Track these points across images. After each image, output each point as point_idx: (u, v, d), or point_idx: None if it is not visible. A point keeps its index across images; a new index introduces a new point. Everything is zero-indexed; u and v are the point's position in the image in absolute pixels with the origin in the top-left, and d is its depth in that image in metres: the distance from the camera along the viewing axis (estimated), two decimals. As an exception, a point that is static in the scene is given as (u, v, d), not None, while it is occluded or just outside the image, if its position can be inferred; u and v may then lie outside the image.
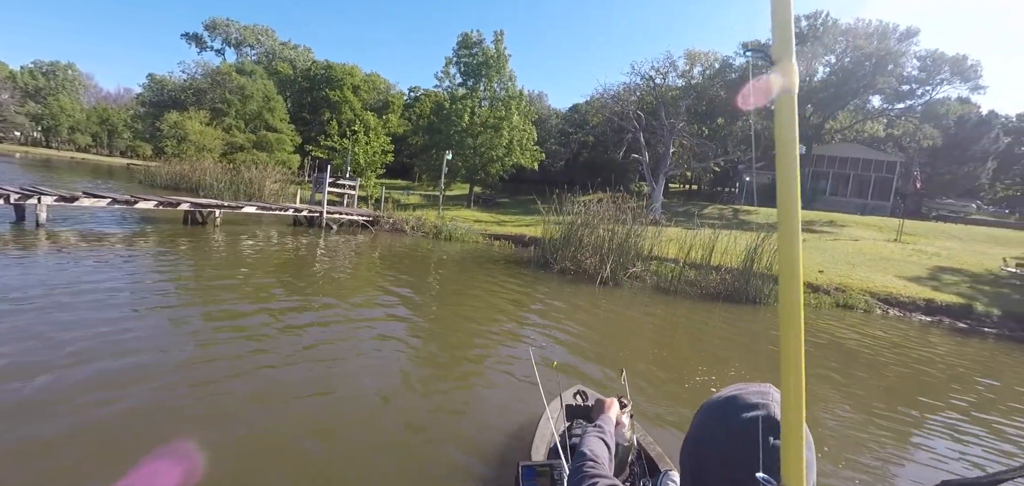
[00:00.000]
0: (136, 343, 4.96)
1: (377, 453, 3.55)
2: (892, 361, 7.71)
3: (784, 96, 0.66)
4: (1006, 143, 42.54)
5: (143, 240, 10.80)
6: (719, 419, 0.87)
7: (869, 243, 20.02)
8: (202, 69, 51.40)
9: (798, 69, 0.66)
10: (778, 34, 0.66)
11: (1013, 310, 11.91)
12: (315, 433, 3.71)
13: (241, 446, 3.47)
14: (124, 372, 4.31)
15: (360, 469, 3.36)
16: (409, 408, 4.36)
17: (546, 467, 1.80)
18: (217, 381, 4.36)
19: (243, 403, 4.06)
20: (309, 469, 3.27)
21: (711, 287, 11.55)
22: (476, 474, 3.45)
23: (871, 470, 4.05)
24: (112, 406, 3.74)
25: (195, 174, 28.02)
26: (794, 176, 0.65)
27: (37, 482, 2.86)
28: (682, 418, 4.62)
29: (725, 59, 34.82)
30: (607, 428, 1.44)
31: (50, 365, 4.23)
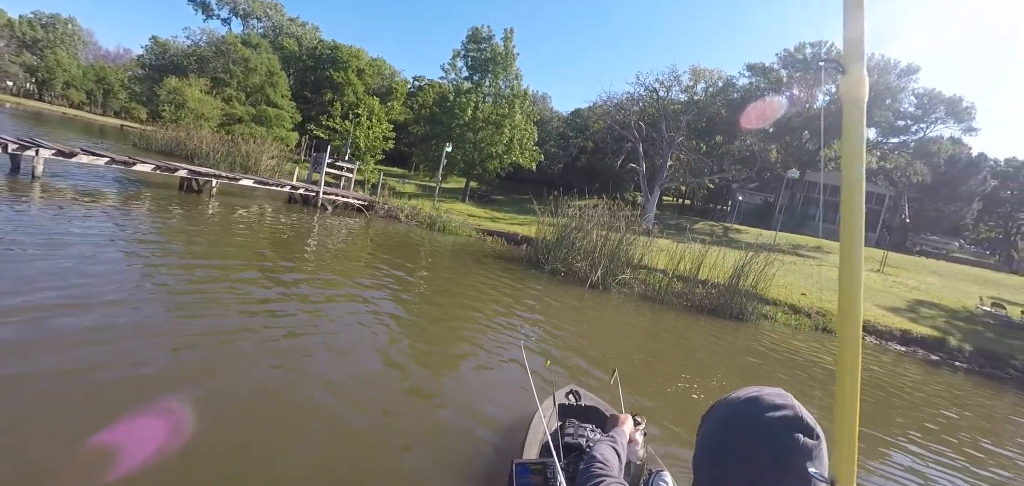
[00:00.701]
0: (123, 300, 5.06)
1: (367, 450, 3.49)
2: (863, 384, 8.00)
3: (852, 105, 0.65)
4: (992, 186, 43.53)
5: (138, 202, 10.83)
6: (742, 420, 0.87)
7: (853, 271, 20.45)
8: (207, 37, 50.94)
9: (867, 80, 0.66)
10: (849, 45, 0.66)
11: (984, 347, 12.32)
12: (305, 431, 3.58)
13: (208, 415, 3.49)
14: (109, 327, 4.43)
15: (351, 467, 3.31)
16: (400, 405, 4.31)
17: (539, 465, 1.92)
18: (190, 349, 4.38)
19: (210, 375, 4.05)
20: (301, 467, 3.21)
21: (697, 300, 11.83)
22: (469, 472, 3.43)
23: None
24: (92, 358, 3.85)
25: (191, 142, 27.82)
26: (860, 183, 0.66)
27: (14, 419, 2.97)
28: (666, 418, 4.83)
29: (729, 78, 35.24)
30: (620, 440, 1.41)
31: (34, 310, 4.37)
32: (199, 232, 9.35)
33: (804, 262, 21.32)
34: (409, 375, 4.95)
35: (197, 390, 3.73)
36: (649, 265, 13.26)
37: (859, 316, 0.63)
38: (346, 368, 4.74)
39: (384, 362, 5.12)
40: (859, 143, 0.66)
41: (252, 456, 3.15)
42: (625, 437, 1.49)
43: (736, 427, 0.87)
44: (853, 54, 0.65)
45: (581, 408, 3.36)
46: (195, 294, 5.77)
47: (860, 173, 0.66)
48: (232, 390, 3.89)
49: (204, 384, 3.87)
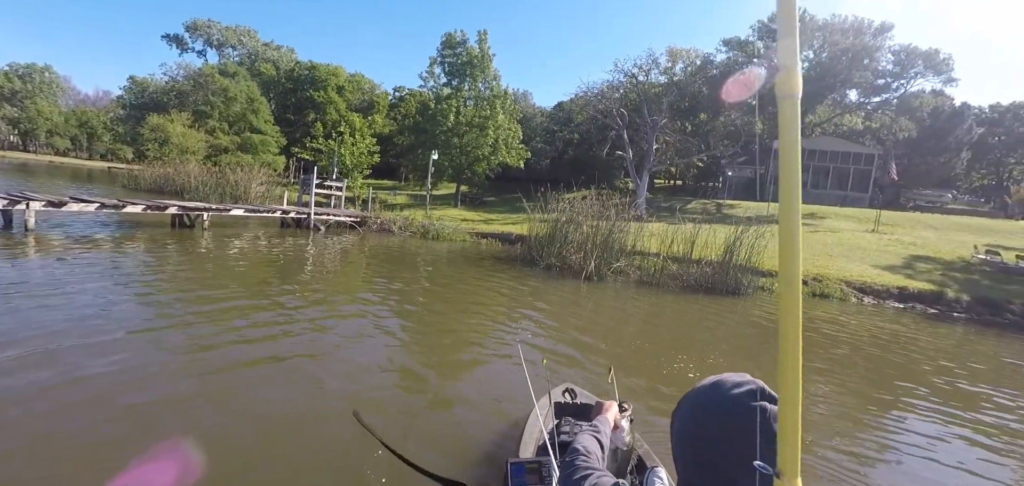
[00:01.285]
0: (128, 343, 5.05)
1: (363, 451, 3.56)
2: (860, 344, 8.07)
3: (787, 101, 0.66)
4: (979, 133, 43.77)
5: (133, 243, 10.79)
6: (709, 402, 0.90)
7: (847, 234, 20.58)
8: (184, 71, 50.72)
9: (800, 76, 0.67)
10: (784, 42, 0.67)
11: (982, 295, 12.42)
12: (299, 432, 3.74)
13: (229, 443, 3.56)
14: (122, 371, 4.42)
15: (347, 467, 3.39)
16: (397, 405, 4.41)
17: (535, 464, 1.92)
18: (208, 379, 4.47)
19: (229, 402, 4.15)
20: (294, 465, 3.33)
21: (692, 280, 11.88)
22: (465, 471, 3.46)
23: (841, 448, 4.33)
24: (105, 402, 3.85)
25: (179, 177, 27.73)
26: (797, 181, 0.67)
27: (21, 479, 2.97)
28: (664, 400, 4.86)
29: (706, 56, 35.39)
30: (603, 429, 1.40)
31: (41, 360, 4.35)
32: (196, 267, 9.34)
33: (798, 230, 21.37)
34: (407, 380, 5.02)
35: (220, 419, 3.82)
36: (643, 251, 13.31)
37: (799, 313, 0.64)
38: (351, 382, 4.78)
39: (384, 371, 5.17)
40: (795, 139, 0.67)
41: (265, 463, 3.19)
42: (609, 425, 1.48)
43: (705, 412, 0.91)
44: (787, 51, 0.66)
45: (577, 406, 3.39)
46: (200, 328, 5.77)
47: (797, 170, 0.67)
48: (250, 414, 3.97)
49: (225, 411, 3.95)
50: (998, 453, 4.53)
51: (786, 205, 0.68)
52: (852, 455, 4.17)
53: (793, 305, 0.65)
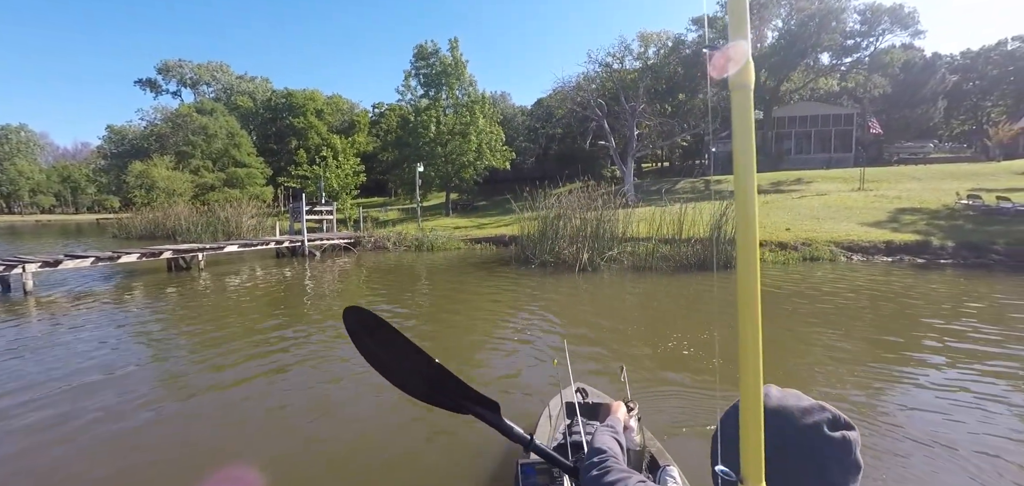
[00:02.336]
0: (146, 395, 5.08)
1: (375, 454, 3.66)
2: (850, 302, 8.30)
3: (739, 91, 0.65)
4: (953, 81, 44.44)
5: (132, 293, 10.85)
6: (780, 431, 0.82)
7: (834, 195, 20.92)
8: (161, 114, 50.47)
9: (752, 65, 0.66)
10: (735, 31, 0.66)
11: (966, 239, 12.73)
12: (312, 441, 3.92)
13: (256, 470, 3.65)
14: (148, 425, 4.49)
15: (359, 470, 3.48)
16: (406, 409, 4.46)
17: (545, 464, 1.87)
18: (228, 415, 4.58)
19: (250, 429, 4.28)
20: (307, 472, 3.46)
21: (684, 259, 12.09)
22: (475, 472, 3.47)
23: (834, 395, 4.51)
24: (143, 457, 3.94)
25: (169, 220, 27.75)
26: (752, 168, 0.65)
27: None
28: (671, 385, 5.03)
29: (677, 36, 35.70)
30: (618, 428, 1.40)
31: (69, 418, 4.44)
32: (197, 309, 9.41)
33: (785, 197, 21.72)
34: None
35: (254, 457, 3.86)
36: (633, 236, 13.52)
37: (757, 305, 0.64)
38: (358, 395, 4.91)
39: (396, 393, 5.23)
40: (749, 127, 0.66)
41: None
42: (621, 424, 1.46)
43: (776, 440, 0.81)
44: (738, 40, 0.64)
45: (589, 406, 3.34)
46: (211, 369, 5.84)
47: (752, 158, 0.65)
48: (279, 444, 4.05)
49: (257, 449, 4.00)
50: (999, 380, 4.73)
51: (742, 200, 0.66)
52: (860, 405, 4.35)
53: (752, 301, 0.63)
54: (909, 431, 3.86)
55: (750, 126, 0.67)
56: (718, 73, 0.72)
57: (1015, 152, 34.45)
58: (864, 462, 0.81)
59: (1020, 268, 11.07)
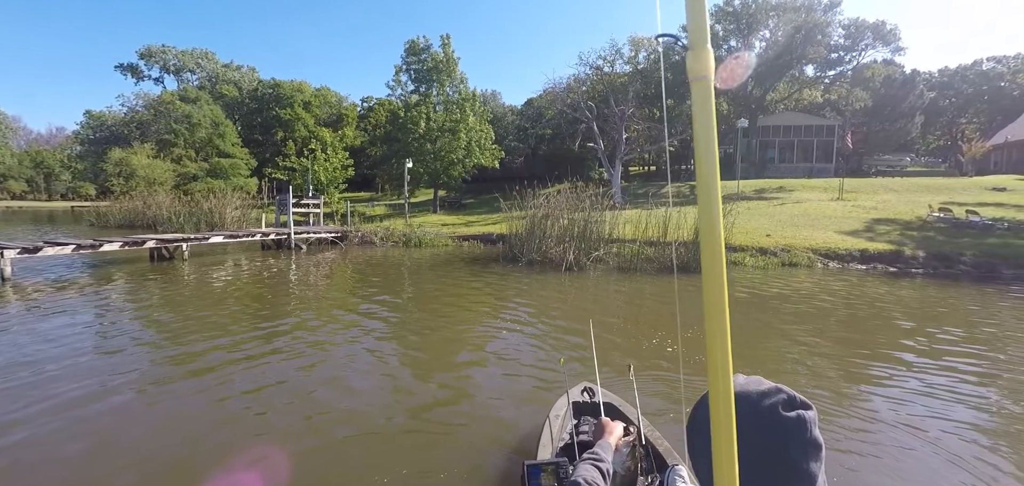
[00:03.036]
0: (124, 386, 5.04)
1: (380, 456, 3.61)
2: (825, 305, 8.60)
3: (700, 81, 0.64)
4: (931, 97, 45.77)
5: (114, 282, 10.69)
6: (739, 416, 0.85)
7: (814, 204, 21.47)
8: (143, 100, 49.34)
9: (712, 56, 0.63)
10: (693, 22, 0.65)
11: (936, 250, 13.22)
12: (316, 443, 3.81)
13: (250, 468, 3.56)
14: (129, 413, 4.52)
15: (364, 471, 3.42)
16: (409, 412, 4.43)
17: (551, 465, 1.89)
18: (213, 411, 4.46)
19: (240, 428, 4.14)
20: (314, 475, 3.38)
21: (668, 261, 12.35)
22: (481, 473, 3.45)
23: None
24: (121, 442, 3.94)
25: (150, 210, 27.20)
26: (713, 163, 0.64)
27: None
28: (655, 382, 5.20)
29: (668, 43, 36.18)
30: (604, 455, 1.40)
31: (55, 410, 4.43)
32: (182, 299, 9.34)
33: (768, 204, 22.22)
34: (416, 388, 5.06)
35: (245, 455, 3.73)
36: (619, 238, 13.75)
37: (725, 310, 0.63)
38: (358, 397, 4.80)
39: (392, 380, 5.22)
40: (710, 122, 0.64)
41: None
42: (610, 449, 1.48)
43: (744, 432, 0.83)
44: (697, 30, 0.63)
45: (596, 405, 3.25)
46: (196, 362, 5.78)
47: (713, 154, 0.64)
48: (277, 442, 3.92)
49: (246, 446, 3.87)
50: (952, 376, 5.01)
51: (705, 201, 0.64)
52: (834, 404, 4.57)
53: (718, 305, 0.62)
54: (880, 415, 4.21)
55: (711, 117, 0.65)
56: (727, 82, 0.71)
57: (986, 168, 35.69)
58: (841, 442, 0.89)
59: (985, 278, 11.56)
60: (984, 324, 7.61)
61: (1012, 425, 4.20)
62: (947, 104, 50.15)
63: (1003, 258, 12.51)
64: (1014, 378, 5.33)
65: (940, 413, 4.35)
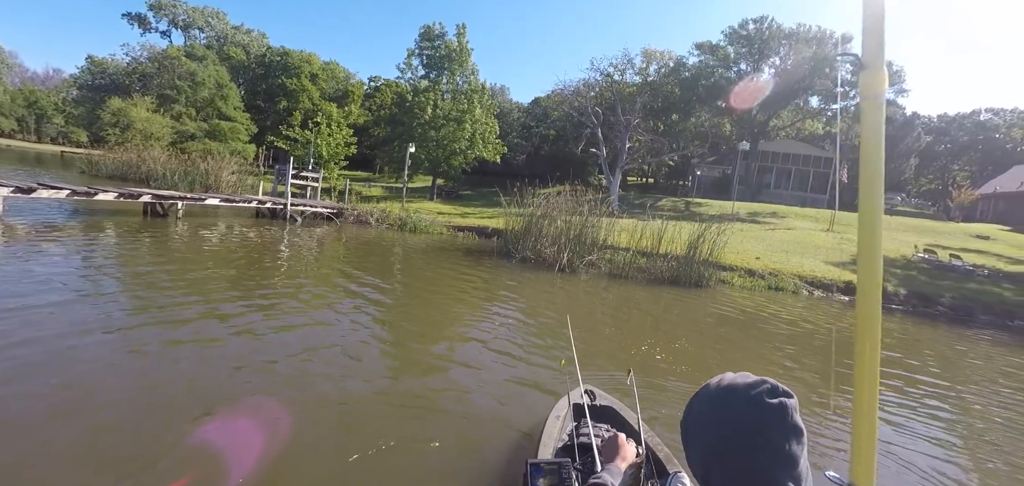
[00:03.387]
0: (108, 338, 4.99)
1: (379, 454, 3.50)
2: (806, 330, 8.88)
3: (872, 100, 0.62)
4: (927, 141, 46.62)
5: (106, 232, 10.72)
6: (728, 405, 0.95)
7: (804, 232, 21.84)
8: (148, 52, 48.82)
9: (887, 76, 0.61)
10: (869, 41, 0.62)
11: (918, 290, 13.58)
12: (312, 438, 3.61)
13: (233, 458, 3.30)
14: (106, 367, 4.56)
15: (364, 469, 3.32)
16: (412, 402, 4.36)
17: (553, 465, 1.93)
18: (197, 384, 4.23)
19: (227, 407, 3.91)
20: (311, 473, 3.21)
21: (659, 272, 12.59)
22: (483, 472, 3.42)
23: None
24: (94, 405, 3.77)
25: (144, 164, 26.94)
26: (879, 180, 0.59)
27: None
28: (651, 391, 5.40)
29: (679, 58, 36.52)
30: (613, 475, 1.42)
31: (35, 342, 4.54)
32: (174, 257, 9.42)
33: (760, 228, 22.57)
34: (414, 382, 4.87)
35: (196, 442, 3.44)
36: (614, 244, 13.96)
37: (878, 325, 0.60)
38: (352, 384, 4.62)
39: (389, 372, 5.08)
40: (878, 138, 0.62)
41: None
42: (619, 474, 1.47)
43: (727, 414, 0.95)
44: (873, 49, 0.61)
45: (596, 408, 3.35)
46: (185, 325, 5.79)
47: (879, 173, 0.61)
48: (272, 441, 3.64)
49: (225, 421, 3.69)
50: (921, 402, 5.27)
51: (867, 211, 0.62)
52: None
53: (872, 315, 0.59)
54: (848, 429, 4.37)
55: (881, 136, 0.62)
56: (740, 103, 0.75)
57: (973, 216, 36.42)
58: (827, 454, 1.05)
59: (960, 321, 11.93)
60: (957, 362, 7.91)
61: (974, 454, 4.46)
62: (942, 149, 51.08)
63: (980, 303, 12.90)
64: (978, 411, 5.61)
65: (907, 433, 4.60)
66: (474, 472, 3.42)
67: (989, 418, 5.65)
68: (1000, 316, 12.51)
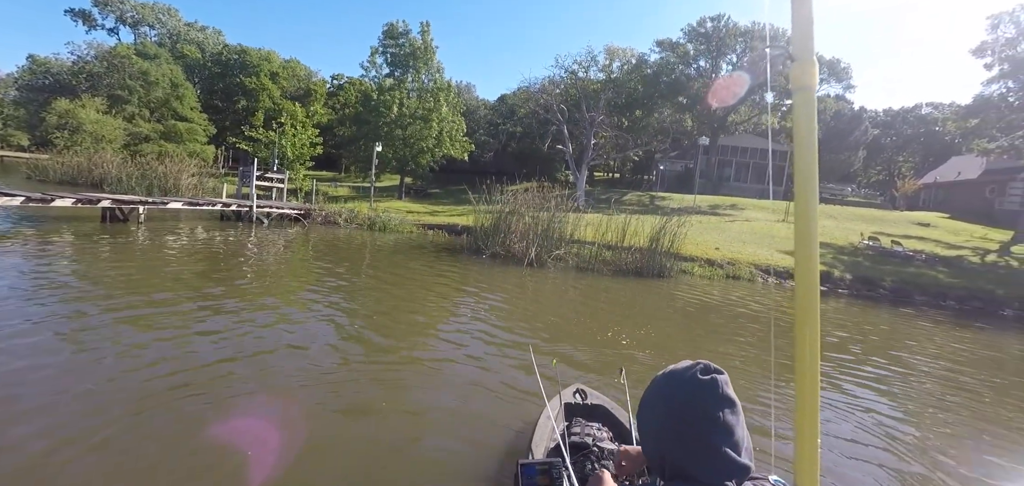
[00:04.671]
0: (64, 347, 4.84)
1: (368, 457, 3.46)
2: (757, 313, 9.48)
3: (803, 92, 0.57)
4: (874, 134, 49.29)
5: (64, 239, 10.36)
6: (670, 388, 1.13)
7: (761, 223, 22.90)
8: (95, 51, 46.47)
9: (817, 68, 0.56)
10: (798, 35, 0.58)
11: (863, 274, 14.54)
12: (297, 444, 3.53)
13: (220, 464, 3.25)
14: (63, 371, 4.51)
15: (354, 472, 3.29)
16: (401, 402, 4.35)
17: (545, 465, 1.93)
18: (175, 398, 4.02)
19: (208, 415, 3.80)
20: (299, 480, 3.16)
21: (624, 264, 13.07)
22: (474, 473, 3.41)
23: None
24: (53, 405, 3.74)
25: (96, 168, 25.86)
26: (813, 171, 0.55)
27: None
28: (603, 366, 5.73)
29: (641, 55, 37.42)
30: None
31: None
32: (137, 263, 9.22)
33: (720, 220, 23.52)
34: (400, 383, 4.82)
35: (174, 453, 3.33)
36: (580, 239, 14.38)
37: (816, 317, 0.59)
38: (336, 387, 4.55)
39: (373, 374, 4.96)
40: (812, 132, 0.58)
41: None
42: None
43: (671, 395, 1.12)
44: (802, 42, 0.58)
45: (588, 407, 3.38)
46: (153, 331, 5.64)
47: (813, 164, 0.58)
48: (268, 439, 3.61)
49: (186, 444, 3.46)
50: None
51: (802, 202, 0.59)
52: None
53: (811, 310, 0.57)
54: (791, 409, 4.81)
55: (813, 129, 0.58)
56: (719, 101, 0.86)
57: (916, 204, 38.82)
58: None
59: (900, 302, 12.88)
60: (893, 338, 8.62)
61: (903, 425, 4.98)
62: (888, 142, 54.09)
63: (917, 286, 13.93)
64: (910, 385, 6.20)
65: (843, 411, 5.08)
66: (465, 473, 3.40)
67: (921, 388, 6.26)
68: (935, 297, 13.54)
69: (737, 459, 1.04)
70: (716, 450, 1.03)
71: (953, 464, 4.16)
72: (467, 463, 3.52)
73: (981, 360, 7.85)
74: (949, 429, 4.96)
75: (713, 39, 36.66)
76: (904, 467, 4.04)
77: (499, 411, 4.38)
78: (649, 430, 1.17)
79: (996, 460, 4.34)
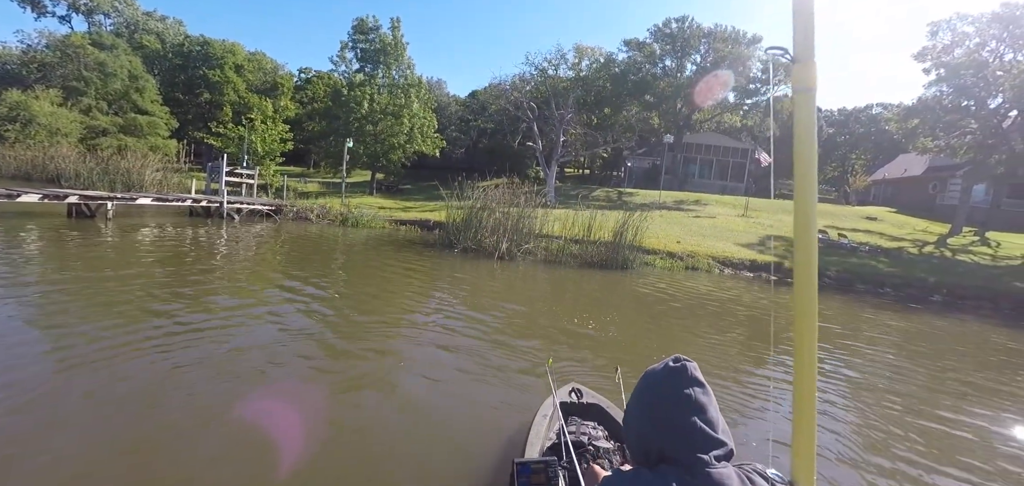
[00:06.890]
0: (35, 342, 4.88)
1: (362, 458, 3.45)
2: (714, 306, 10.24)
3: (804, 94, 0.57)
4: (829, 133, 51.77)
5: (29, 236, 10.25)
6: (648, 383, 1.25)
7: (722, 218, 24.02)
8: (46, 39, 44.35)
9: (817, 69, 0.53)
10: (800, 36, 0.57)
11: (811, 265, 15.63)
12: (291, 446, 3.48)
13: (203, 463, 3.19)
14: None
15: (348, 474, 3.27)
16: (396, 403, 4.32)
17: (541, 464, 1.94)
18: (152, 401, 3.92)
19: (194, 415, 3.75)
20: (293, 482, 3.15)
21: (590, 257, 13.72)
22: (471, 471, 3.41)
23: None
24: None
25: (51, 163, 24.98)
26: (812, 171, 0.55)
27: None
28: (573, 352, 6.25)
29: (609, 54, 38.34)
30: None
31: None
32: (107, 260, 9.24)
33: (684, 215, 24.53)
34: (392, 383, 4.78)
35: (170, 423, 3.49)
36: (548, 233, 14.97)
37: (814, 314, 0.57)
38: (328, 388, 4.50)
39: (362, 373, 4.91)
40: (811, 130, 0.56)
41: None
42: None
43: (649, 390, 1.24)
44: (804, 43, 0.57)
45: (583, 406, 3.38)
46: (127, 334, 5.34)
47: (813, 164, 0.56)
48: (263, 435, 3.59)
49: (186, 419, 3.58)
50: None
51: (802, 202, 0.58)
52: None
53: (809, 307, 0.57)
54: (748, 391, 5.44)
55: (813, 128, 0.56)
56: (702, 100, 1.03)
57: (867, 199, 41.16)
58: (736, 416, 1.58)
59: (843, 290, 13.96)
60: (834, 323, 9.50)
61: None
62: (842, 140, 56.87)
63: (859, 276, 15.08)
64: (857, 364, 6.98)
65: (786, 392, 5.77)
66: (461, 473, 3.39)
67: (862, 370, 7.05)
68: (874, 285, 14.70)
69: (712, 434, 1.13)
70: (693, 426, 1.12)
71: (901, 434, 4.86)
72: (461, 462, 3.50)
73: (913, 336, 8.79)
74: (896, 399, 5.71)
75: (678, 39, 37.87)
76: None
77: (494, 410, 4.38)
78: (632, 426, 1.27)
79: (929, 424, 5.07)
